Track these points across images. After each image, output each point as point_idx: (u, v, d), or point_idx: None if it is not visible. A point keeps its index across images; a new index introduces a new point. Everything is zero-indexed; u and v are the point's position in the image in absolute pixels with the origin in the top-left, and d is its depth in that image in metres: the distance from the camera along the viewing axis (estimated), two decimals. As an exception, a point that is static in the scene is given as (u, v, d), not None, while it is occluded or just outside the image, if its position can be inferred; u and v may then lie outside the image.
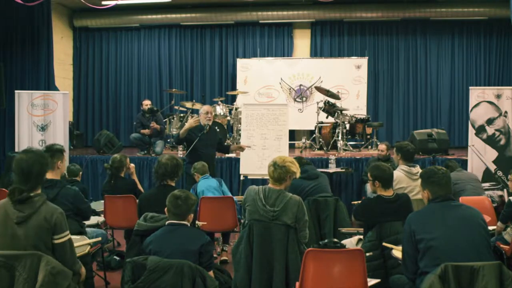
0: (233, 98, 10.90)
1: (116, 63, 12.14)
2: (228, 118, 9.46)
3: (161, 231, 3.29)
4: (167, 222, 3.34)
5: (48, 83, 9.56)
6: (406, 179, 4.85)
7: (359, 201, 5.81)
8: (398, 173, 4.83)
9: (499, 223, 4.72)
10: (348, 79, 11.01)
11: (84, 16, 11.73)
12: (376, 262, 3.88)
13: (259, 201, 3.78)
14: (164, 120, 9.92)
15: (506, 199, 5.61)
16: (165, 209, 3.39)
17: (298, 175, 3.98)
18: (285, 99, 11.09)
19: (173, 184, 4.41)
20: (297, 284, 3.32)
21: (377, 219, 4.03)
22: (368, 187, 4.44)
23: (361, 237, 4.33)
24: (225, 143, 7.51)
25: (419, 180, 4.37)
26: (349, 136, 9.35)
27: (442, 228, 2.93)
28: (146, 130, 9.08)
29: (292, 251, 3.69)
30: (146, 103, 9.26)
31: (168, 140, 9.90)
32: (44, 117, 8.23)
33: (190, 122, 6.17)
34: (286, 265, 3.70)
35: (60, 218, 2.98)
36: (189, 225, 3.34)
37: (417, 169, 4.96)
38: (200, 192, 5.50)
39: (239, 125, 8.68)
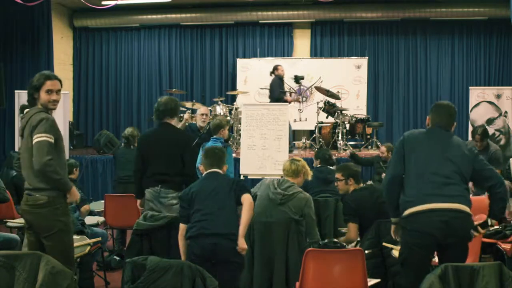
0: (233, 98, 10.89)
1: (116, 63, 12.12)
2: (228, 118, 9.45)
3: (203, 178, 3.62)
4: (205, 172, 3.60)
5: (48, 83, 9.53)
6: None
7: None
8: None
9: (507, 182, 4.97)
10: (348, 79, 10.99)
11: (84, 16, 11.72)
12: (375, 260, 3.89)
13: (272, 185, 4.08)
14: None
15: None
16: (200, 165, 3.67)
17: (310, 177, 4.44)
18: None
19: (173, 124, 4.63)
20: (297, 284, 3.32)
21: (368, 209, 4.20)
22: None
23: (358, 238, 4.37)
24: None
25: None
26: (349, 136, 9.35)
27: (428, 147, 3.15)
28: (289, 97, 8.80)
29: (293, 250, 3.70)
30: (282, 68, 9.00)
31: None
32: (44, 117, 8.21)
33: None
34: (286, 264, 3.71)
35: (42, 120, 3.23)
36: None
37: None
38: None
39: (239, 125, 8.67)
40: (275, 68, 9.25)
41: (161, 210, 4.33)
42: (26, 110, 3.40)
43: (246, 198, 3.37)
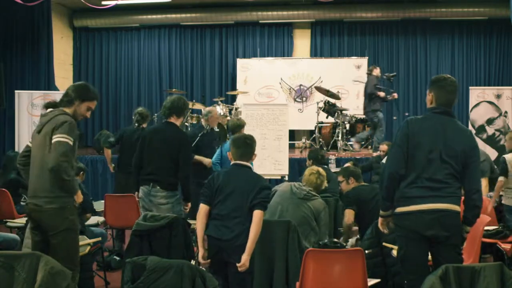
0: (233, 98, 10.89)
1: (116, 63, 12.13)
2: (228, 118, 9.44)
3: (230, 169, 3.52)
4: (232, 163, 3.53)
5: (48, 83, 9.56)
6: None
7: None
8: None
9: (500, 178, 5.19)
10: (348, 79, 10.99)
11: (84, 16, 11.72)
12: (375, 260, 3.89)
13: (296, 183, 4.33)
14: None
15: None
16: (229, 152, 3.59)
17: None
18: (285, 99, 11.07)
19: (178, 124, 4.54)
20: (297, 284, 3.32)
21: (367, 204, 4.39)
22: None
23: (358, 236, 4.39)
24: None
25: None
26: (349, 136, 9.35)
27: (430, 146, 3.07)
28: (381, 93, 8.82)
29: (293, 249, 3.70)
30: (379, 69, 8.99)
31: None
32: (44, 117, 8.22)
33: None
34: (286, 264, 3.71)
35: (65, 123, 3.27)
36: (252, 168, 3.55)
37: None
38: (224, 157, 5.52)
39: (239, 125, 8.66)
40: (374, 68, 9.30)
41: (151, 209, 4.33)
42: (50, 109, 3.43)
43: (256, 215, 3.24)
